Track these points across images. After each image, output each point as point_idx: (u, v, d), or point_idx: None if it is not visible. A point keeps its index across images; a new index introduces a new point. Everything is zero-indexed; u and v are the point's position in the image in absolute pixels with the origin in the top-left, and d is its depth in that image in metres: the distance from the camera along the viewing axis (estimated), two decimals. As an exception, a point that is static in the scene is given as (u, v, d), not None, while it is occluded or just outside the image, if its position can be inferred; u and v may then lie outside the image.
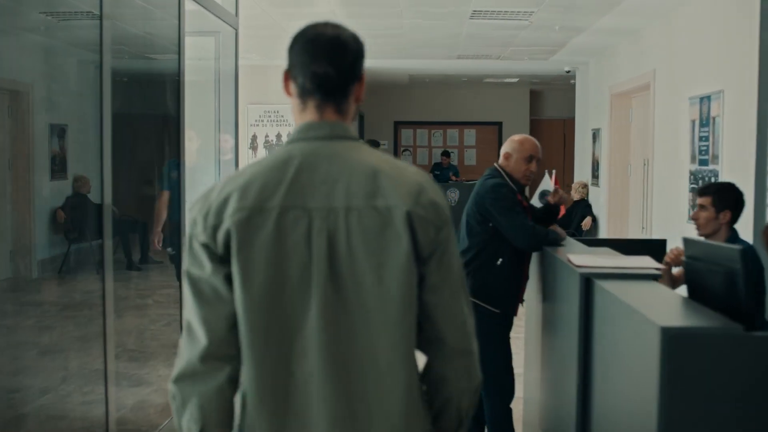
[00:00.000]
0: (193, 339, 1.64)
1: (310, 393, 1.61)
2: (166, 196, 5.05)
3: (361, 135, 14.65)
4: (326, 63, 1.67)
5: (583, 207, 10.36)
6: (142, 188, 5.18)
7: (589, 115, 10.68)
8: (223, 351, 1.63)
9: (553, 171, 10.04)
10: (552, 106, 15.19)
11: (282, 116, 11.42)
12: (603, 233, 9.72)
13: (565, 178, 15.15)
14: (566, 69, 11.38)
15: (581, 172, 11.22)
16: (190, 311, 1.65)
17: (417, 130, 15.00)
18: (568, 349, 3.17)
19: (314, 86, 1.69)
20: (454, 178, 14.11)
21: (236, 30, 6.04)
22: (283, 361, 1.62)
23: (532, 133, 15.12)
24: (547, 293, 3.84)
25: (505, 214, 3.97)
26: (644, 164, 8.70)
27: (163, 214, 5.09)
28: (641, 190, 8.86)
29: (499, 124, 14.88)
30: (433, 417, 1.72)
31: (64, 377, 4.14)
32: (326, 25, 1.71)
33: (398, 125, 15.03)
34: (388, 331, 1.60)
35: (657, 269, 3.08)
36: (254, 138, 11.48)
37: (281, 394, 1.62)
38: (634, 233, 9.13)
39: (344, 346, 1.60)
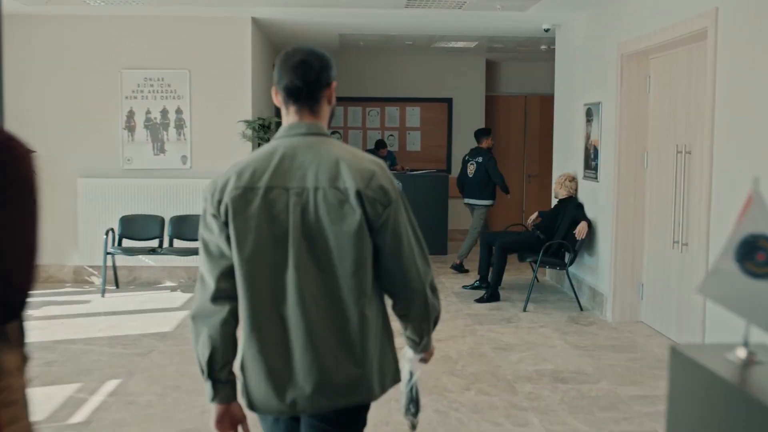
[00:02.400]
0: (204, 286, 2.20)
1: (290, 324, 2.12)
2: None
3: (277, 112, 11.75)
4: (295, 78, 2.19)
5: (573, 207, 7.76)
6: None
7: (580, 86, 8.06)
8: (225, 293, 2.16)
9: None
10: (511, 81, 12.61)
11: (169, 85, 8.48)
12: (607, 245, 7.13)
13: (525, 168, 12.58)
14: (545, 27, 8.74)
15: (565, 162, 8.62)
16: (203, 265, 2.20)
17: (349, 108, 12.27)
18: None
19: (288, 96, 2.22)
20: (397, 168, 11.36)
21: None
22: (269, 301, 2.13)
23: (487, 111, 12.47)
24: None
25: None
26: (679, 152, 6.10)
27: None
28: (672, 188, 6.26)
29: (449, 101, 12.24)
30: (404, 328, 2.28)
31: None
32: (297, 50, 2.23)
33: (325, 101, 12.22)
34: (345, 279, 2.11)
35: None
36: (131, 114, 8.51)
37: (268, 325, 2.13)
38: (659, 248, 6.55)
39: (313, 289, 2.11)
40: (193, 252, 7.97)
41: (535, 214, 8.46)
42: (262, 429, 2.34)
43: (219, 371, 2.18)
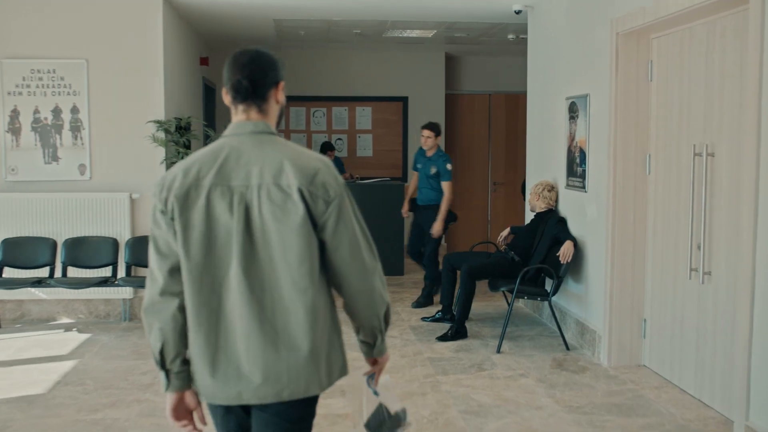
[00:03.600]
0: (153, 280, 2.24)
1: (235, 318, 2.17)
2: None
3: (211, 111, 10.28)
4: (241, 77, 2.24)
5: (554, 223, 6.39)
6: None
7: (560, 76, 6.70)
8: (172, 288, 2.22)
9: None
10: (473, 77, 11.25)
11: (62, 79, 6.93)
12: (599, 270, 5.77)
13: (490, 174, 11.25)
14: (516, 8, 7.38)
15: (541, 168, 7.25)
16: (152, 261, 2.25)
17: (291, 108, 10.80)
18: None
19: (236, 94, 2.26)
20: (345, 177, 9.91)
21: None
22: (214, 296, 2.17)
23: (448, 111, 11.09)
24: None
25: None
26: (697, 155, 4.75)
27: None
28: (687, 200, 4.92)
29: (404, 100, 10.84)
30: (356, 332, 2.33)
31: None
32: (246, 50, 2.31)
33: (264, 101, 10.77)
34: (289, 273, 2.15)
35: None
36: (15, 114, 6.95)
37: (213, 320, 2.18)
38: (668, 275, 5.20)
39: (257, 285, 2.15)
40: (93, 283, 6.46)
41: (507, 230, 7.09)
42: (213, 422, 2.36)
43: (171, 362, 2.24)
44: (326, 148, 9.76)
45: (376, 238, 11.34)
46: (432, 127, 7.63)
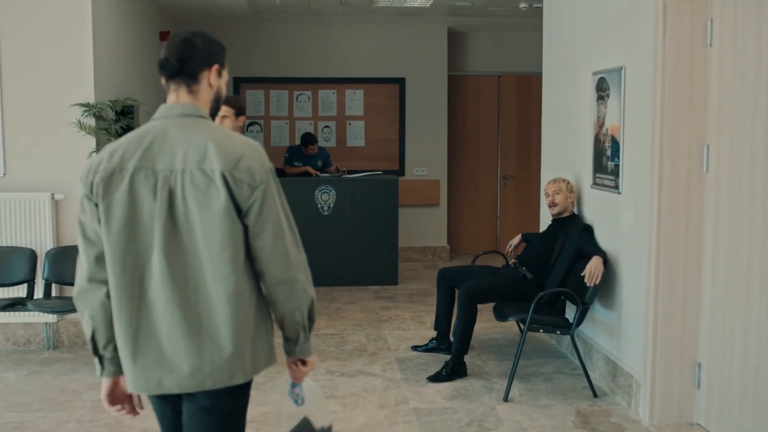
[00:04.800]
0: (81, 267, 2.21)
1: (157, 304, 2.11)
2: None
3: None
4: (170, 54, 2.18)
5: (577, 232, 5.04)
6: None
7: (585, 46, 5.32)
8: (100, 275, 2.18)
9: None
10: (480, 56, 9.85)
11: (-31, 52, 5.61)
12: (638, 296, 4.41)
13: (499, 167, 9.89)
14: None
15: (560, 160, 5.88)
16: (80, 247, 2.21)
17: (271, 92, 9.44)
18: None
19: (161, 70, 2.20)
20: (331, 170, 8.56)
21: None
22: (136, 282, 2.12)
23: (451, 95, 9.71)
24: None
25: None
26: (786, 146, 3.37)
27: None
28: (764, 206, 3.55)
29: (401, 82, 9.46)
30: (279, 327, 2.25)
31: None
32: (184, 31, 2.26)
33: (240, 83, 9.41)
34: (211, 260, 2.09)
35: None
36: None
37: (135, 306, 2.13)
38: (735, 308, 3.85)
39: (180, 272, 2.10)
40: (7, 307, 5.20)
41: (518, 238, 5.73)
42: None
43: (103, 349, 2.22)
44: (307, 142, 8.37)
45: (366, 241, 8.74)
46: (229, 101, 4.52)
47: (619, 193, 4.69)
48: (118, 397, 2.28)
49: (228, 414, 2.21)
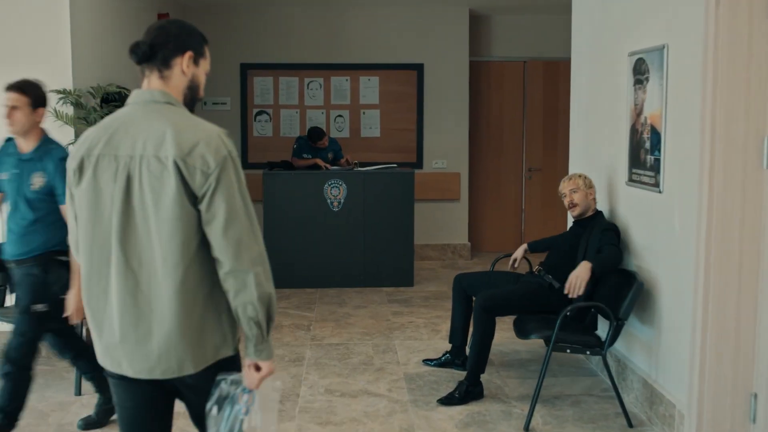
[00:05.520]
0: (73, 246, 2.28)
1: (114, 289, 2.15)
2: None
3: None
4: (142, 40, 2.19)
5: (598, 232, 4.43)
6: None
7: (621, 23, 4.68)
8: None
9: None
10: (504, 40, 9.20)
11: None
12: (682, 313, 3.79)
13: (524, 159, 9.27)
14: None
15: (590, 153, 5.26)
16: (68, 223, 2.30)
17: (280, 79, 8.86)
18: None
19: (131, 55, 2.18)
20: (341, 163, 7.97)
21: None
22: (99, 267, 2.17)
23: (473, 82, 9.08)
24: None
25: None
26: None
27: None
28: None
29: (419, 68, 8.84)
30: (239, 324, 2.20)
31: None
32: (162, 20, 2.28)
33: (247, 70, 8.85)
34: (162, 246, 2.10)
35: None
36: None
37: (97, 289, 2.18)
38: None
39: (134, 259, 2.12)
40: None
41: (522, 249, 5.08)
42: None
43: None
44: (315, 137, 7.75)
45: (379, 239, 7.55)
46: (23, 88, 3.73)
47: (660, 191, 4.05)
48: None
49: (193, 393, 2.25)
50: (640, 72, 4.30)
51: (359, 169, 7.55)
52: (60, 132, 5.10)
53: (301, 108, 8.88)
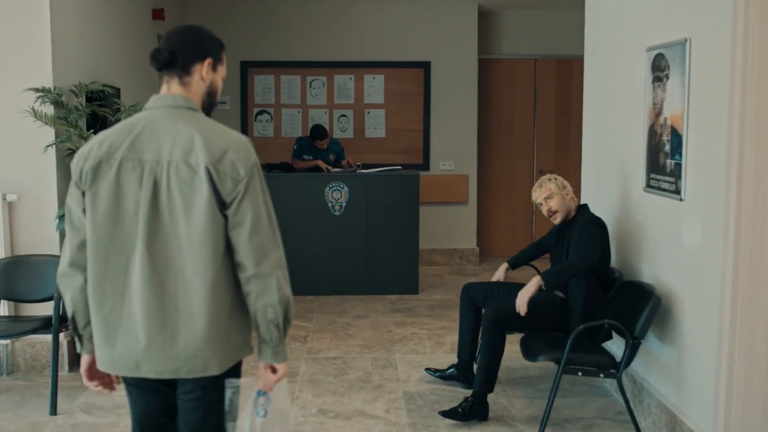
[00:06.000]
0: (65, 250, 2.27)
1: (136, 293, 2.15)
2: None
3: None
4: (163, 45, 2.23)
5: (578, 232, 4.10)
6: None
7: (638, 16, 4.33)
8: (81, 261, 2.23)
9: None
10: (515, 37, 8.85)
11: None
12: (709, 332, 3.43)
13: (535, 161, 8.92)
14: None
15: (603, 157, 4.91)
16: (66, 231, 2.27)
17: (282, 77, 8.54)
18: None
19: (152, 61, 2.23)
20: (343, 164, 7.64)
21: None
22: (121, 271, 2.17)
23: (482, 80, 8.74)
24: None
25: None
26: None
27: None
28: None
29: (426, 66, 8.51)
30: (255, 328, 2.24)
31: None
32: (182, 25, 2.33)
33: (247, 68, 8.54)
34: (192, 252, 2.12)
35: None
36: None
37: (120, 293, 2.17)
38: None
39: (161, 262, 2.14)
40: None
41: (503, 270, 4.77)
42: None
43: (83, 328, 2.30)
44: (317, 136, 7.42)
45: (383, 244, 6.86)
46: None
47: (681, 199, 3.70)
48: (96, 373, 2.35)
49: (217, 403, 2.25)
50: (659, 69, 3.96)
51: (362, 171, 7.23)
52: (39, 133, 4.82)
53: (303, 107, 8.56)
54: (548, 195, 4.32)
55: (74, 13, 5.19)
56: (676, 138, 3.75)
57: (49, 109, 4.81)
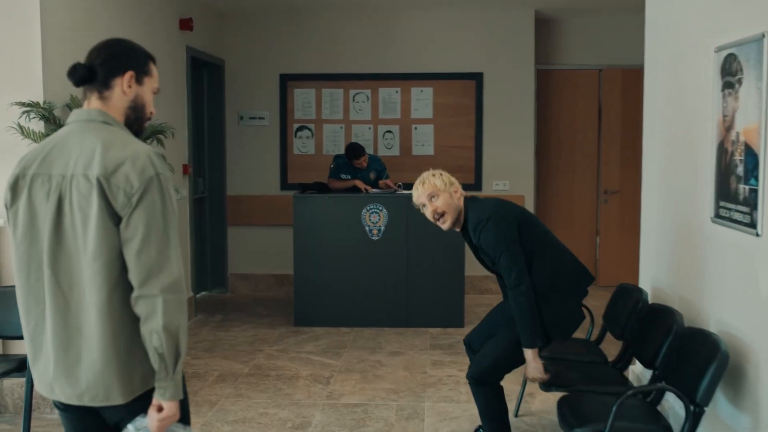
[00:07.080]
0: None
1: (47, 312, 2.10)
2: None
3: (220, 94, 7.73)
4: (82, 62, 2.18)
5: (477, 243, 3.37)
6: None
7: (704, 10, 3.63)
8: None
9: None
10: (576, 46, 8.14)
11: None
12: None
13: (600, 181, 8.16)
14: None
15: (664, 182, 4.19)
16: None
17: (323, 90, 8.02)
18: None
19: (69, 77, 2.18)
20: (387, 184, 7.01)
21: None
22: (34, 288, 2.12)
23: (540, 93, 8.07)
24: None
25: None
26: None
27: None
28: None
29: (478, 78, 7.86)
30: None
31: None
32: (104, 40, 2.25)
33: (287, 81, 8.04)
34: (88, 267, 2.05)
35: None
36: None
37: (41, 308, 2.12)
38: None
39: (65, 281, 2.08)
40: None
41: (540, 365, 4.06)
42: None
43: None
44: (353, 155, 6.82)
45: (424, 272, 5.94)
46: None
47: (758, 234, 2.98)
48: None
49: (118, 421, 2.14)
50: (730, 72, 3.24)
51: (402, 192, 6.61)
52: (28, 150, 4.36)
53: (346, 123, 8.00)
54: (432, 193, 3.63)
55: (66, 23, 4.75)
56: (752, 158, 3.03)
57: (38, 126, 4.37)
